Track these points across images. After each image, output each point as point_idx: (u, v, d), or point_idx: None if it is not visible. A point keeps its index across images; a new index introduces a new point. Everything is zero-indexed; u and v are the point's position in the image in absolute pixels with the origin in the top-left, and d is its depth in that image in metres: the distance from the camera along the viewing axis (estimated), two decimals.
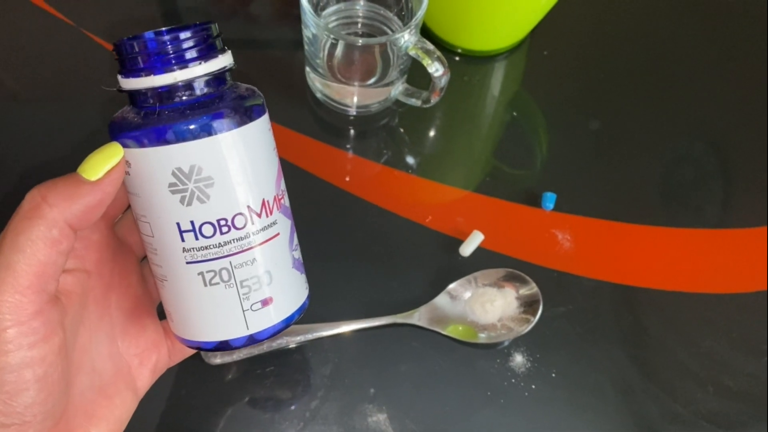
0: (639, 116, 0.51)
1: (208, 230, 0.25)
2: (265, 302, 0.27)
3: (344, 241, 0.44)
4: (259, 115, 0.26)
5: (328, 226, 0.44)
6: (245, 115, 0.25)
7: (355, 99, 0.47)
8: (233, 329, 0.27)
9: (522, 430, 0.39)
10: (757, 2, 0.56)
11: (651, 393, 0.40)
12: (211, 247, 0.25)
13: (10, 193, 0.43)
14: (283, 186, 0.28)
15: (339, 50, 0.43)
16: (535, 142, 0.49)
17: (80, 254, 0.27)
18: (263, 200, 0.26)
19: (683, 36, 0.55)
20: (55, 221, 0.23)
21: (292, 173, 0.46)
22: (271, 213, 0.26)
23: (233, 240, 0.25)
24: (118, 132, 0.25)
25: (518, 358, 0.40)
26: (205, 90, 0.25)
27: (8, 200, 0.43)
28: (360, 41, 0.41)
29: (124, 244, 0.30)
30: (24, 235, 0.22)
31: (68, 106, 0.47)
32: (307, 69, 0.47)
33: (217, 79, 0.26)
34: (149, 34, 0.24)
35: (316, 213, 0.45)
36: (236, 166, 0.25)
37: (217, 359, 0.38)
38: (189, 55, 0.25)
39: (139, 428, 0.37)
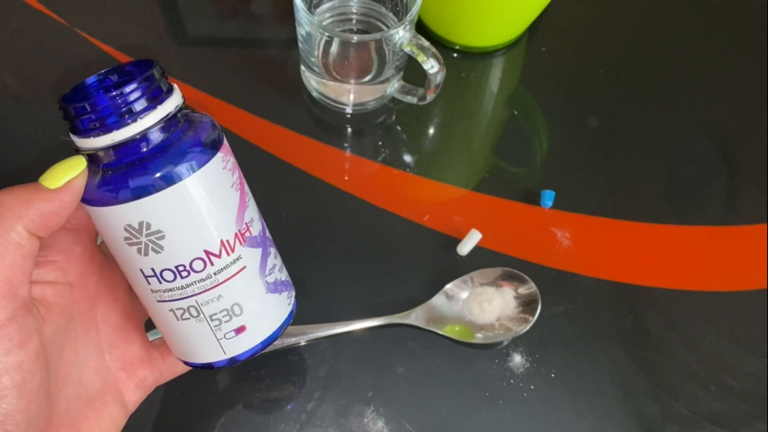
0: (638, 113, 0.50)
1: (168, 276, 0.25)
2: (239, 330, 0.27)
3: (341, 240, 0.43)
4: (206, 159, 0.25)
5: (324, 226, 0.44)
6: (186, 167, 0.24)
7: (352, 97, 0.46)
8: (212, 354, 0.27)
9: (521, 431, 0.38)
10: None
11: (652, 393, 0.40)
12: (175, 289, 0.26)
13: None
14: (249, 216, 0.27)
15: (334, 48, 0.43)
16: (533, 140, 0.49)
17: (62, 266, 0.26)
18: (221, 241, 0.25)
19: (683, 31, 0.54)
20: (11, 224, 0.23)
21: (288, 173, 0.45)
22: (232, 251, 0.26)
23: (195, 282, 0.25)
24: None
25: (517, 358, 0.40)
26: (143, 147, 0.24)
27: None
28: (355, 38, 0.40)
29: (111, 258, 0.30)
30: None
31: None
32: (302, 68, 0.47)
33: (160, 129, 0.24)
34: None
35: (313, 212, 0.44)
36: (185, 217, 0.24)
37: None
38: (121, 114, 0.23)
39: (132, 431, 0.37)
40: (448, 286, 0.41)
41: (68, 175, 0.24)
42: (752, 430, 0.39)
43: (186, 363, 0.29)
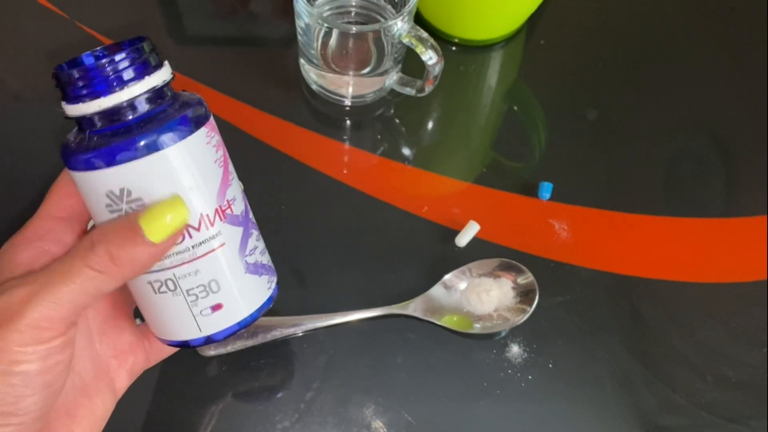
0: (636, 105, 0.50)
1: None
2: (215, 308, 0.27)
3: (339, 232, 0.43)
4: (189, 132, 0.25)
5: (323, 218, 0.44)
6: (168, 137, 0.25)
7: (350, 89, 0.46)
8: (188, 332, 0.28)
9: (519, 422, 0.38)
10: None
11: (649, 383, 0.40)
12: None
13: (11, 191, 0.43)
14: (231, 195, 0.27)
15: (333, 39, 0.43)
16: (531, 132, 0.49)
17: (58, 257, 0.27)
18: (201, 215, 0.26)
19: (681, 24, 0.54)
20: (117, 281, 0.24)
21: (287, 165, 0.45)
22: (212, 225, 0.26)
23: (173, 254, 0.26)
24: (62, 156, 0.25)
25: (515, 349, 0.40)
26: (128, 115, 0.25)
27: (9, 199, 0.43)
28: (353, 29, 0.40)
29: None
30: (80, 282, 0.23)
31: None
32: (301, 60, 0.47)
33: (146, 100, 0.25)
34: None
35: (312, 204, 0.44)
36: (165, 186, 0.25)
37: (211, 351, 0.38)
38: (109, 82, 0.24)
39: (133, 421, 0.37)
40: (446, 277, 0.41)
41: (173, 229, 0.24)
42: (749, 420, 0.39)
43: (164, 341, 0.29)
